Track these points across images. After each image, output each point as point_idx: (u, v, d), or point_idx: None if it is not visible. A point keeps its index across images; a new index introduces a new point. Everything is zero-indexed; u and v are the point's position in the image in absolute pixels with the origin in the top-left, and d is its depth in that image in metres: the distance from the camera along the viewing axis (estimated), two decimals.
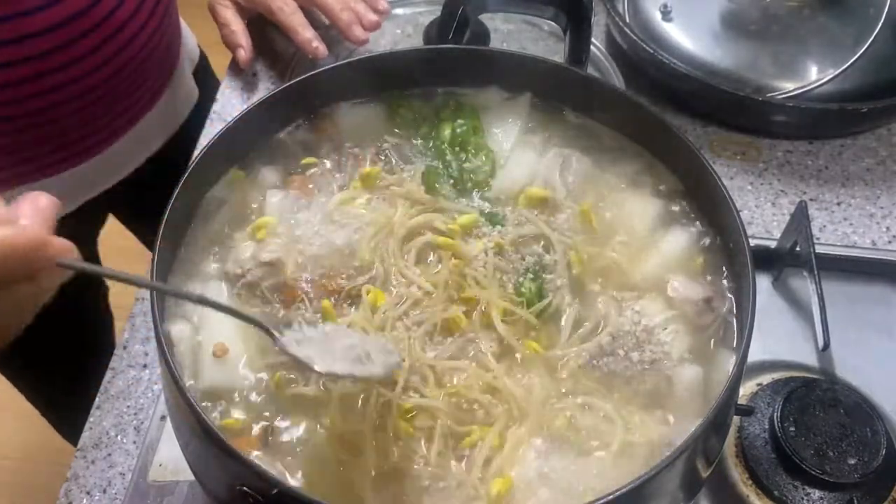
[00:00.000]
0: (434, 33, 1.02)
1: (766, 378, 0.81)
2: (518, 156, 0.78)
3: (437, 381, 0.63)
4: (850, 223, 0.97)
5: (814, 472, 0.72)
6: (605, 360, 0.65)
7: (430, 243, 0.70)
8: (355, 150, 0.77)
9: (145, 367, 0.85)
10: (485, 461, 0.60)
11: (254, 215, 0.73)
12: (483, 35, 1.05)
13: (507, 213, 0.73)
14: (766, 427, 0.76)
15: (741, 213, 0.66)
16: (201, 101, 1.15)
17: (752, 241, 0.66)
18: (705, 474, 0.63)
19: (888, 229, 0.96)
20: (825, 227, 0.96)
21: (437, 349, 0.65)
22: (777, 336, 0.86)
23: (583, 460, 0.60)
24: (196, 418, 0.54)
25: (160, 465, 0.77)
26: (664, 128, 0.72)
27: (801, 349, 0.85)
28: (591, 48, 0.97)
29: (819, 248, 0.85)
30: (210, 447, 0.54)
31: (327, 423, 0.62)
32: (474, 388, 0.63)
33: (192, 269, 0.69)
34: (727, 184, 0.73)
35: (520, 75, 0.79)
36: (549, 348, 0.66)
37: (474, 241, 0.70)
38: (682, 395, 0.64)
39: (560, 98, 0.79)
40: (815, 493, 0.73)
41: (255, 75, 1.11)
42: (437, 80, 0.81)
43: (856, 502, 0.72)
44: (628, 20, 1.11)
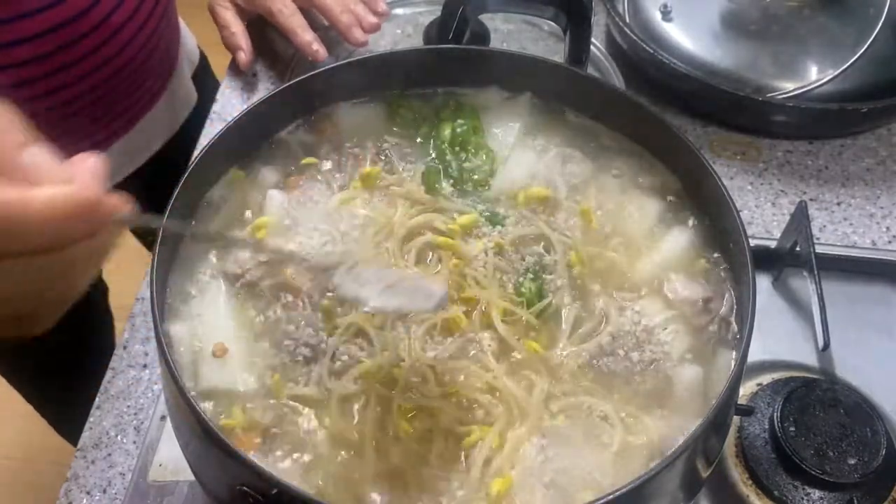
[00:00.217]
0: (434, 33, 1.02)
1: (766, 378, 0.81)
2: (518, 156, 0.78)
3: (438, 380, 0.63)
4: (850, 223, 0.97)
5: (814, 472, 0.72)
6: (605, 360, 0.65)
7: (430, 243, 0.70)
8: (355, 150, 0.77)
9: (145, 367, 0.85)
10: (485, 461, 0.60)
11: (254, 215, 0.73)
12: (483, 35, 1.05)
13: (507, 213, 0.73)
14: (766, 427, 0.76)
15: (741, 213, 0.66)
16: (201, 101, 1.15)
17: (752, 241, 0.66)
18: (705, 474, 0.63)
19: (888, 229, 0.96)
20: (825, 227, 0.96)
21: (437, 349, 0.64)
22: (777, 336, 0.86)
23: (583, 460, 0.60)
24: (196, 418, 0.54)
25: (160, 465, 0.77)
26: (664, 128, 0.72)
27: (801, 349, 0.85)
28: (591, 48, 0.97)
29: (819, 248, 0.85)
30: (210, 447, 0.54)
31: (327, 423, 0.62)
32: (474, 388, 0.63)
33: (192, 269, 0.69)
34: (727, 184, 0.73)
35: (520, 75, 0.79)
36: (549, 348, 0.66)
37: (474, 241, 0.70)
38: (682, 395, 0.64)
39: (560, 98, 0.79)
40: (815, 493, 0.73)
41: (255, 76, 1.11)
42: (437, 80, 0.81)
43: (856, 502, 0.72)
44: (628, 20, 1.11)
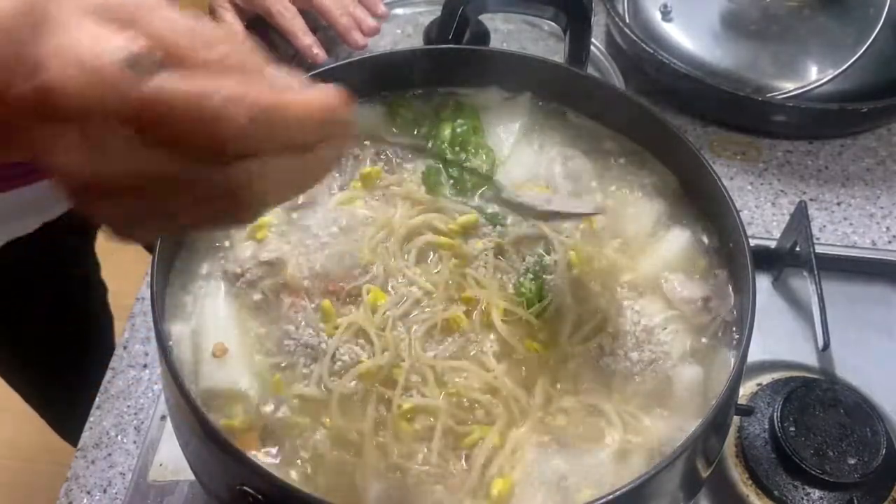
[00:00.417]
0: (434, 33, 1.02)
1: (766, 378, 0.81)
2: (518, 155, 0.78)
3: (438, 380, 0.63)
4: (850, 223, 0.97)
5: (814, 472, 0.72)
6: (605, 360, 0.65)
7: (431, 243, 0.70)
8: (355, 150, 0.77)
9: (145, 367, 0.85)
10: (485, 461, 0.60)
11: None
12: (483, 35, 1.05)
13: (507, 213, 0.73)
14: (766, 427, 0.76)
15: (741, 213, 0.66)
16: None
17: (752, 241, 0.66)
18: (705, 474, 0.63)
19: (888, 229, 0.96)
20: (825, 227, 0.96)
21: (438, 349, 0.64)
22: (777, 336, 0.86)
23: (583, 460, 0.60)
24: (196, 418, 0.54)
25: (160, 464, 0.77)
26: (664, 128, 0.72)
27: (801, 349, 0.85)
28: (591, 48, 0.97)
29: (819, 248, 0.85)
30: (210, 447, 0.54)
31: (327, 423, 0.62)
32: (474, 388, 0.63)
33: (192, 269, 0.69)
34: (727, 184, 0.73)
35: (520, 75, 0.79)
36: (549, 348, 0.66)
37: (474, 241, 0.70)
38: (682, 395, 0.64)
39: (560, 98, 0.79)
40: (815, 493, 0.73)
41: None
42: (437, 80, 0.81)
43: (856, 502, 0.72)
44: (628, 20, 1.11)
